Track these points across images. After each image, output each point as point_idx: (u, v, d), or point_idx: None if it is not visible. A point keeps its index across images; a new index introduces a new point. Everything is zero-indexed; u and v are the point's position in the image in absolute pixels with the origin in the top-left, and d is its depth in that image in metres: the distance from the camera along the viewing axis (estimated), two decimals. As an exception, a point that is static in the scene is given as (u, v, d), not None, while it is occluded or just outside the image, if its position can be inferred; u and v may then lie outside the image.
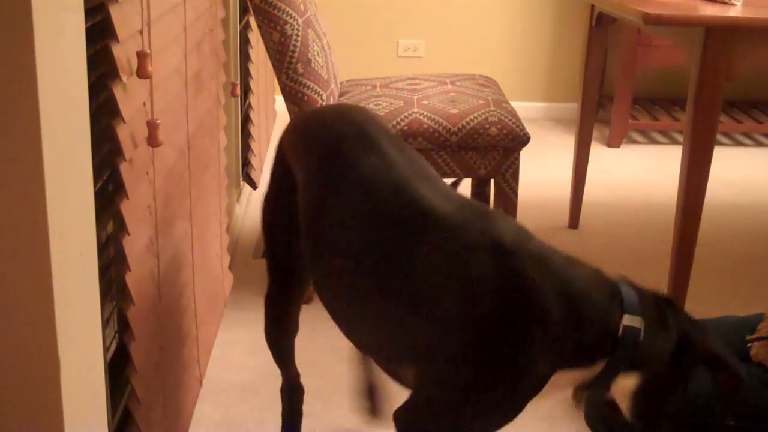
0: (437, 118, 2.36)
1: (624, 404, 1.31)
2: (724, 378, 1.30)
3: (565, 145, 4.11)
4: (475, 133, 2.35)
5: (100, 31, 1.25)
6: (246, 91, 3.20)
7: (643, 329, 1.26)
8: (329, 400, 2.05)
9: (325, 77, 2.43)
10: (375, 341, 1.39)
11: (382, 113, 2.39)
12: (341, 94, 2.64)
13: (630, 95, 4.11)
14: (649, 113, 4.35)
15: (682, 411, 1.59)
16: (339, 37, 4.36)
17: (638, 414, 1.31)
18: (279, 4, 2.31)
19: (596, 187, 3.54)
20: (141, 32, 1.36)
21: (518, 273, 1.23)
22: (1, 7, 0.87)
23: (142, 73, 1.31)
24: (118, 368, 1.41)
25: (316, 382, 2.12)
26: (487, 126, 2.35)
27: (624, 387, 1.30)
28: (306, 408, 2.01)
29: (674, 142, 4.34)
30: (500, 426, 1.32)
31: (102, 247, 1.26)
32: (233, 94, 2.36)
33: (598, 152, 4.03)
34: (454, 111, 2.39)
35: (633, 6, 2.17)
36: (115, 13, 1.23)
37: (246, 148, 3.17)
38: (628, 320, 1.26)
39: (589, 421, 1.73)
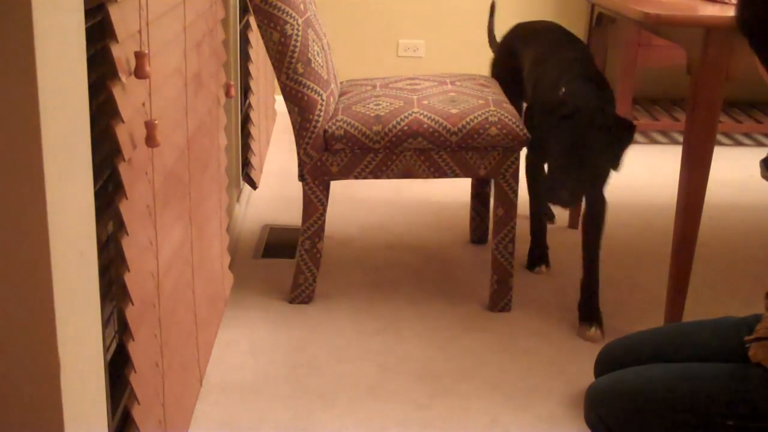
0: (437, 118, 2.36)
1: None
2: None
3: (565, 145, 4.10)
4: (475, 133, 2.35)
5: (99, 32, 1.25)
6: (246, 91, 3.20)
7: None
8: (329, 399, 2.05)
9: (325, 77, 2.43)
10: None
11: (383, 113, 2.39)
12: (341, 94, 2.64)
13: (630, 95, 4.10)
14: (649, 113, 4.35)
15: (677, 408, 1.59)
16: (339, 37, 4.36)
17: None
18: (279, 4, 2.31)
19: (596, 187, 3.53)
20: (140, 32, 1.36)
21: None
22: (1, 7, 0.87)
23: (139, 73, 1.31)
24: (118, 368, 1.41)
25: (316, 382, 2.12)
26: (487, 126, 2.36)
27: None
28: (306, 407, 2.02)
29: (674, 142, 4.34)
30: None
31: (102, 247, 1.26)
32: (228, 95, 2.36)
33: (598, 152, 4.02)
34: (454, 111, 2.39)
35: (633, 6, 2.17)
36: (114, 13, 1.23)
37: (246, 148, 3.17)
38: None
39: (587, 420, 1.73)
